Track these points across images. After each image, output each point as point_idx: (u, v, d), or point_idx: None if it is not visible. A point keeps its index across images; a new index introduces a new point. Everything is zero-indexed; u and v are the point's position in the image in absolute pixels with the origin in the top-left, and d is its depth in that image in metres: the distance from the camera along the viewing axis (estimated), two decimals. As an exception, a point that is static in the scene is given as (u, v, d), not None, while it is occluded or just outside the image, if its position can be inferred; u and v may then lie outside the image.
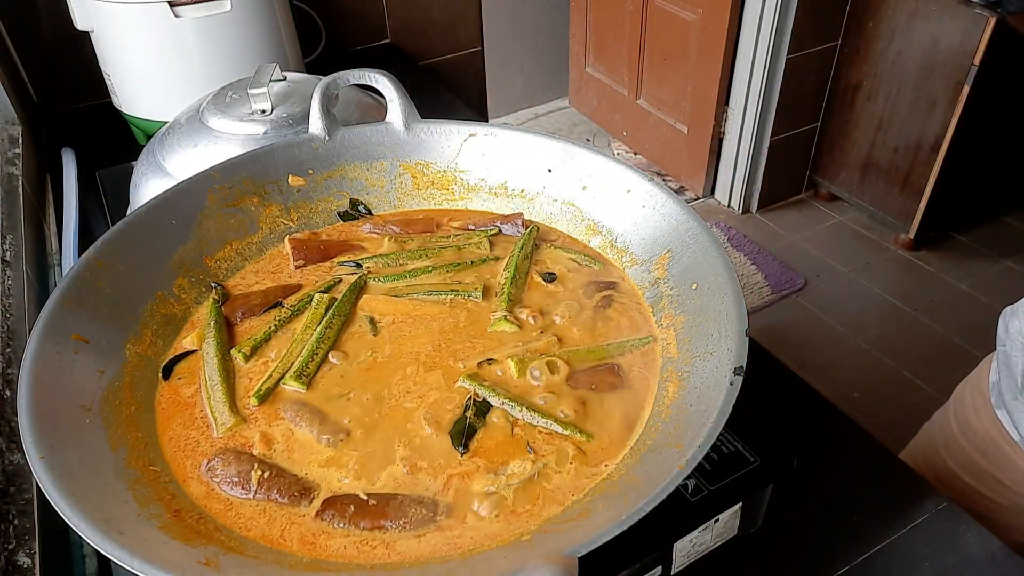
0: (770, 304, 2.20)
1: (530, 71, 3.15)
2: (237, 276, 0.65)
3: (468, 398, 0.52)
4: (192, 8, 0.96)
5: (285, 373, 0.54)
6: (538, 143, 0.69)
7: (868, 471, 0.64)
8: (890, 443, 0.69)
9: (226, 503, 0.47)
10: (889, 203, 2.37)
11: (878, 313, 2.16)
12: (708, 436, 0.42)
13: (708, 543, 0.53)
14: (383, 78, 0.68)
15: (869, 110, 2.30)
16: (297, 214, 0.69)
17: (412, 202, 0.72)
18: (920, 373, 1.94)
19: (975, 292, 2.21)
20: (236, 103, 0.77)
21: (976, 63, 1.92)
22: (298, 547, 0.45)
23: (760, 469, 0.54)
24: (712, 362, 0.49)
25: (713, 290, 0.54)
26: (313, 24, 1.36)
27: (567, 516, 0.45)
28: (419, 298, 0.62)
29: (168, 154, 0.75)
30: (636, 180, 0.64)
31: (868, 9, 2.17)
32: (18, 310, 0.71)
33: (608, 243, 0.66)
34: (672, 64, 2.53)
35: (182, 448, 0.50)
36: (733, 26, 2.24)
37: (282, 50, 1.09)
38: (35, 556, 0.51)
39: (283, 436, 0.51)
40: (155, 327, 0.57)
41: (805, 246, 2.43)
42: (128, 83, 1.04)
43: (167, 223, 0.61)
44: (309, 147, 0.69)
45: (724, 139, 2.50)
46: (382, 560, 0.44)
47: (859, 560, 0.57)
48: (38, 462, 0.42)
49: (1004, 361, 0.77)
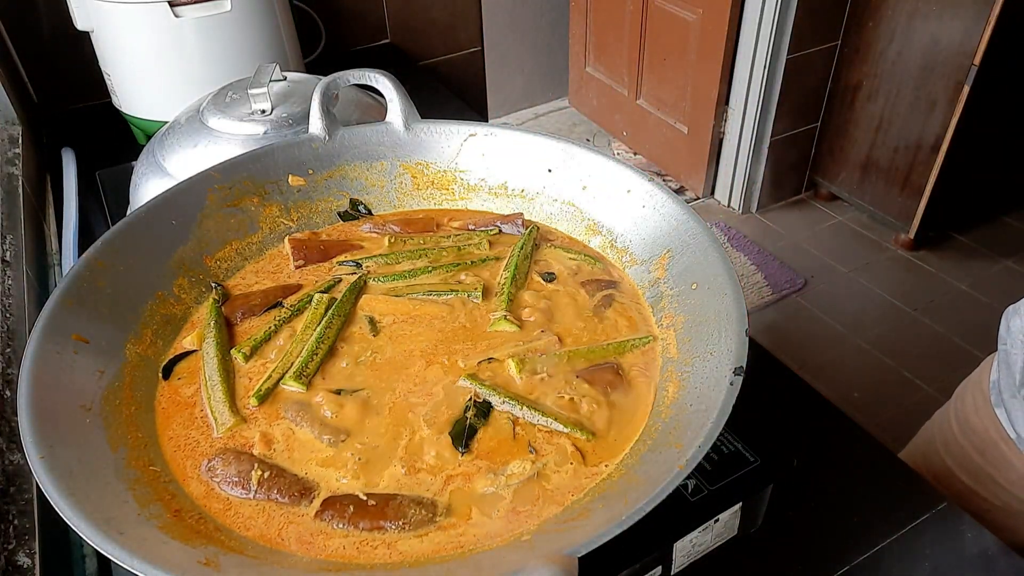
0: (770, 304, 2.20)
1: (530, 71, 3.15)
2: (237, 276, 0.65)
3: (469, 398, 0.52)
4: (192, 8, 0.96)
5: (285, 373, 0.55)
6: (538, 143, 0.69)
7: (868, 471, 0.64)
8: (890, 443, 0.69)
9: (225, 502, 0.47)
10: (889, 203, 2.37)
11: (878, 313, 2.16)
12: (708, 436, 0.42)
13: (708, 543, 0.53)
14: (383, 78, 0.68)
15: (869, 110, 2.30)
16: (297, 214, 0.69)
17: (412, 202, 0.72)
18: (920, 373, 1.94)
19: (975, 292, 2.21)
20: (236, 103, 0.77)
21: (976, 63, 1.92)
22: (296, 547, 0.45)
23: (760, 469, 0.54)
24: (712, 362, 0.49)
25: (713, 290, 0.54)
26: (313, 24, 1.36)
27: (567, 516, 0.45)
28: (419, 298, 0.62)
29: (168, 154, 0.75)
30: (636, 180, 0.64)
31: (868, 9, 2.17)
32: (18, 310, 0.71)
33: (608, 243, 0.66)
34: (672, 64, 2.53)
35: (182, 448, 0.50)
36: (733, 26, 2.24)
37: (282, 50, 1.09)
38: (35, 556, 0.51)
39: (283, 435, 0.51)
40: (155, 327, 0.57)
41: (805, 246, 2.43)
42: (128, 83, 1.04)
43: (167, 223, 0.61)
44: (309, 147, 0.69)
45: (724, 139, 2.50)
46: (382, 560, 0.44)
47: (859, 560, 0.57)
48: (38, 462, 0.42)
49: (1004, 359, 0.77)
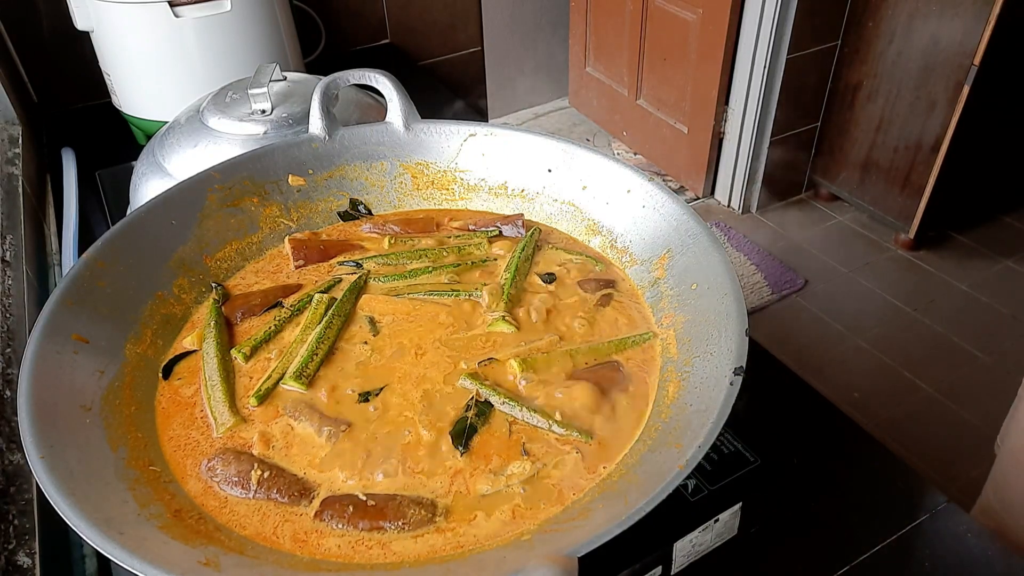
0: (770, 304, 2.20)
1: (530, 71, 3.15)
2: (237, 276, 0.65)
3: (470, 398, 0.52)
4: (192, 8, 0.96)
5: (285, 373, 0.55)
6: (538, 143, 0.69)
7: (868, 471, 0.64)
8: (890, 443, 0.69)
9: (222, 500, 0.47)
10: (889, 203, 2.37)
11: (878, 313, 2.16)
12: (708, 436, 0.42)
13: (708, 543, 0.54)
14: (383, 78, 0.68)
15: (869, 110, 2.30)
16: (297, 214, 0.69)
17: (412, 202, 0.72)
18: (920, 373, 1.94)
19: (975, 292, 2.21)
20: (236, 103, 0.77)
21: (976, 63, 1.92)
22: (290, 545, 0.45)
23: (760, 469, 0.54)
24: (712, 362, 0.49)
25: (713, 290, 0.54)
26: (313, 24, 1.36)
27: (567, 516, 0.45)
28: (419, 298, 0.62)
29: (168, 154, 0.75)
30: (636, 180, 0.64)
31: (868, 9, 2.17)
32: (18, 310, 0.71)
33: (608, 243, 0.66)
34: (672, 64, 2.53)
35: (182, 448, 0.50)
36: (733, 26, 2.24)
37: (282, 50, 1.09)
38: (35, 556, 0.51)
39: (282, 433, 0.51)
40: (155, 327, 0.57)
41: (805, 246, 2.42)
42: (128, 83, 1.04)
43: (167, 223, 0.61)
44: (309, 147, 0.69)
45: (724, 139, 2.50)
46: (380, 560, 0.44)
47: (859, 560, 0.57)
48: (38, 462, 0.42)
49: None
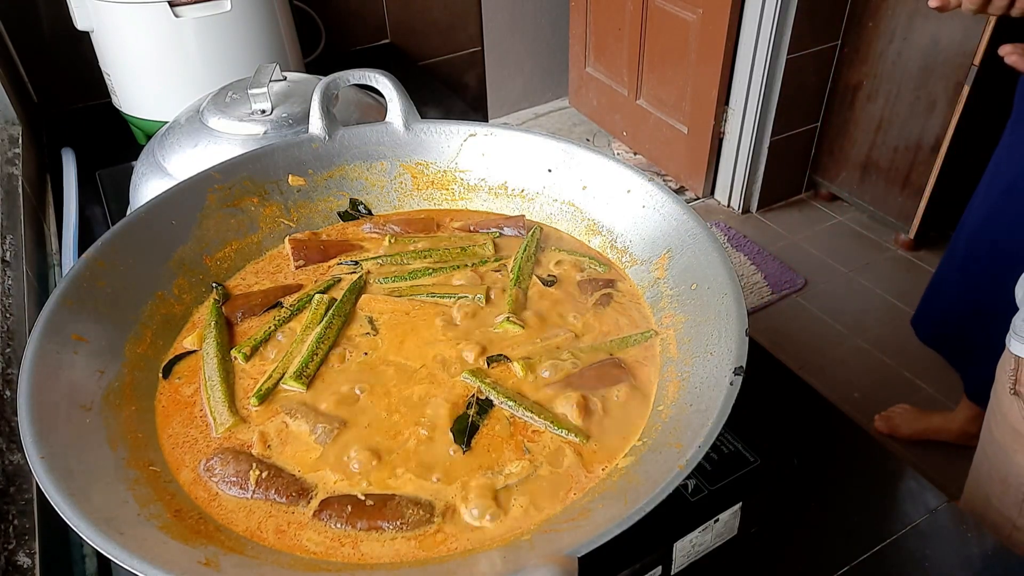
0: (770, 304, 2.20)
1: (530, 71, 3.15)
2: (237, 276, 0.65)
3: (471, 396, 0.52)
4: (192, 8, 0.96)
5: (285, 373, 0.54)
6: (538, 143, 0.69)
7: (868, 471, 0.64)
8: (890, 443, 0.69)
9: (212, 493, 0.47)
10: (889, 203, 2.37)
11: (878, 313, 2.15)
12: (708, 436, 0.42)
13: (708, 543, 0.53)
14: (383, 78, 0.68)
15: (869, 110, 2.30)
16: (297, 214, 0.69)
17: (412, 202, 0.72)
18: (920, 373, 1.94)
19: (975, 292, 2.21)
20: (236, 103, 0.77)
21: (976, 63, 1.92)
22: (273, 540, 0.45)
23: (760, 469, 0.54)
24: (712, 362, 0.49)
25: (713, 290, 0.54)
26: (313, 24, 1.36)
27: (567, 516, 0.45)
28: (420, 299, 0.62)
29: (168, 154, 0.75)
30: (636, 180, 0.64)
31: (868, 9, 2.17)
32: (18, 310, 0.71)
33: (608, 243, 0.66)
34: (672, 64, 2.53)
35: (180, 447, 0.50)
36: (733, 26, 2.24)
37: (282, 50, 1.09)
38: (35, 556, 0.51)
39: (278, 432, 0.51)
40: (155, 327, 0.57)
41: (805, 246, 2.42)
42: (128, 83, 1.04)
43: (167, 223, 0.61)
44: (309, 147, 0.69)
45: (724, 139, 2.50)
46: (381, 560, 0.44)
47: (859, 560, 0.57)
48: (38, 462, 0.42)
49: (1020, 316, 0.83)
